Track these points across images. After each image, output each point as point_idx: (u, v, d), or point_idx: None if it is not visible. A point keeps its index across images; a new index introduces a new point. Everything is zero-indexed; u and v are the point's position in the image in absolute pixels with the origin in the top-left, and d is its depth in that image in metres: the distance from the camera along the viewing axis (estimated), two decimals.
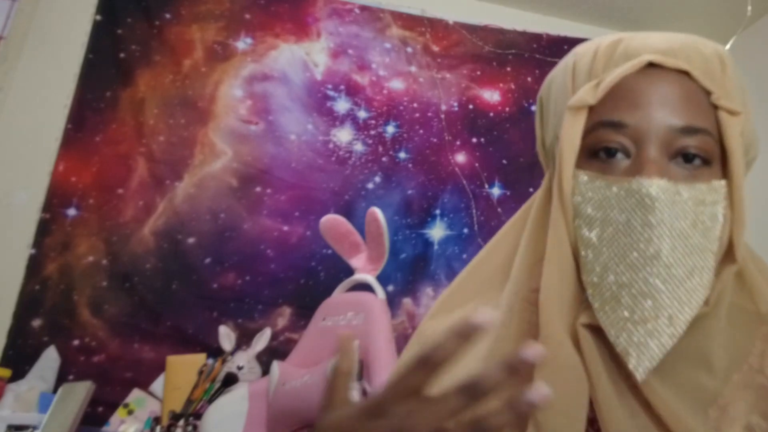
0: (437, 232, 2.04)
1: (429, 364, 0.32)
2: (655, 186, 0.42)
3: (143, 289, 1.79)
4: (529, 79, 2.24)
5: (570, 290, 0.44)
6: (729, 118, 0.44)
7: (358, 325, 1.39)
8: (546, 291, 0.44)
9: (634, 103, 0.44)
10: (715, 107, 0.45)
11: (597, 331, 0.43)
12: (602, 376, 0.42)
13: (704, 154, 0.44)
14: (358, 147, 2.05)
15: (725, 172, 0.45)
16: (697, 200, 0.43)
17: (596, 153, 0.45)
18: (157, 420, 1.60)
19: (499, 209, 2.09)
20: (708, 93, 0.45)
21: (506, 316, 0.48)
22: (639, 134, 0.44)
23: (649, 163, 0.43)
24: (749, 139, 0.48)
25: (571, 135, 0.45)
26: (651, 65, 0.45)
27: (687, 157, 0.44)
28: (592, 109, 0.45)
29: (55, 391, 1.55)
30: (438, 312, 0.54)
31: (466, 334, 0.31)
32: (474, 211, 2.07)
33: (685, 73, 0.45)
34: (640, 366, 0.40)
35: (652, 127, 0.43)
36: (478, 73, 2.22)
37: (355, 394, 1.26)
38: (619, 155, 0.44)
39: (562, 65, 0.52)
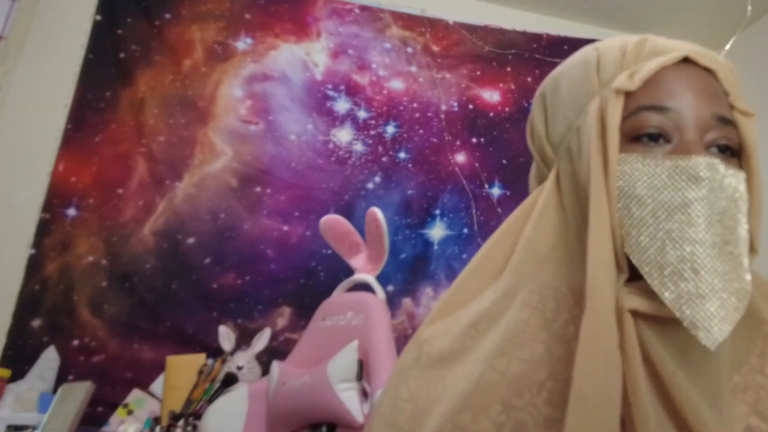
0: (437, 232, 2.04)
1: None
2: (710, 164, 0.43)
3: (143, 289, 1.79)
4: (529, 79, 2.23)
5: (615, 275, 0.43)
6: (744, 118, 0.47)
7: (358, 325, 1.39)
8: (596, 277, 0.42)
9: (673, 91, 0.46)
10: (732, 108, 0.48)
11: (636, 318, 0.43)
12: (639, 368, 0.41)
13: (734, 145, 0.47)
14: (358, 147, 2.05)
15: (741, 167, 0.47)
16: (735, 185, 0.45)
17: (637, 137, 0.46)
18: (156, 420, 1.60)
19: (499, 209, 2.09)
20: (726, 94, 0.48)
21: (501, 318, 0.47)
22: (681, 119, 0.45)
23: (697, 144, 0.45)
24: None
25: (614, 116, 0.46)
26: (682, 62, 0.47)
27: (719, 147, 0.46)
28: (627, 97, 0.47)
29: (54, 391, 1.55)
30: (436, 317, 0.53)
31: None
32: (474, 211, 2.07)
33: (710, 73, 0.48)
34: (709, 339, 0.39)
35: (693, 113, 0.45)
36: (478, 73, 2.22)
37: (354, 395, 1.26)
38: (662, 140, 0.46)
39: (579, 60, 0.52)
